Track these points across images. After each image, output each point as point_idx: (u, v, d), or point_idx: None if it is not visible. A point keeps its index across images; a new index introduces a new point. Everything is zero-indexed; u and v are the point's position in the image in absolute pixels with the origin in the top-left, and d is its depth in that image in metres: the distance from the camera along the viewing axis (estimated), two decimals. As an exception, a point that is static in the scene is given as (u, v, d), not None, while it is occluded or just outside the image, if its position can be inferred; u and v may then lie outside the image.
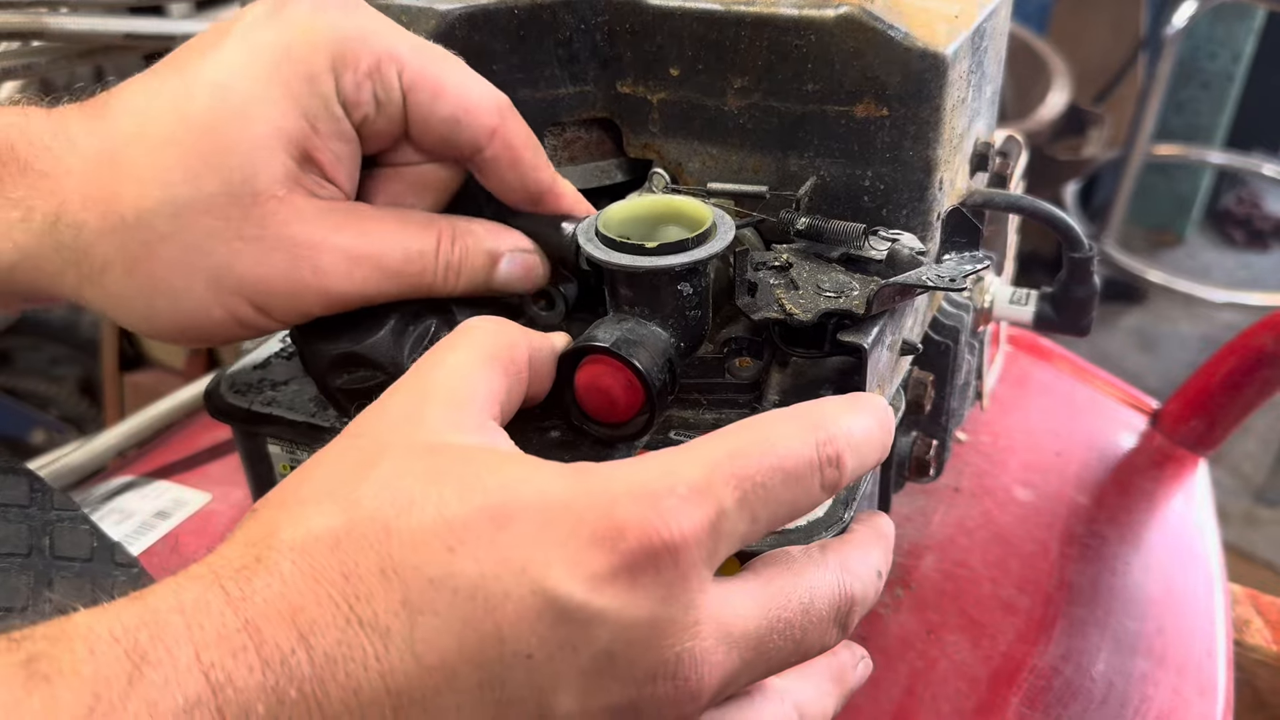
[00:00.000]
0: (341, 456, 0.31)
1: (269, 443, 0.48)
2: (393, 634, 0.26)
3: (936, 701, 0.55)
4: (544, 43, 0.45)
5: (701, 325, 0.40)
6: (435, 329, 0.43)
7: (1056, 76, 2.14)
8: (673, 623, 0.27)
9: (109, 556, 0.43)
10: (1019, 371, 0.86)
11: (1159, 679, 0.60)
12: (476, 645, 0.26)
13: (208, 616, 0.25)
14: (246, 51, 0.37)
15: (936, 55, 0.40)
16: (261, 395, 0.47)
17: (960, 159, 0.47)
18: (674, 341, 0.39)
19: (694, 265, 0.38)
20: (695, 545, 0.27)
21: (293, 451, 0.47)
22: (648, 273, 0.38)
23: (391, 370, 0.42)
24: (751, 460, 0.29)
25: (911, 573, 0.62)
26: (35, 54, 0.69)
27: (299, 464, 0.45)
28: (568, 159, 0.48)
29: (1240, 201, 2.95)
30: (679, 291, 0.38)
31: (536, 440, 0.41)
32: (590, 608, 0.26)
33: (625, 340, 0.37)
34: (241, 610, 0.25)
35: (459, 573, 0.26)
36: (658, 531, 0.27)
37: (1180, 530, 0.75)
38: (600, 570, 0.26)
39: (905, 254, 0.41)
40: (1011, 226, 0.63)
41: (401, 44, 0.39)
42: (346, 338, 0.42)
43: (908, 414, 0.49)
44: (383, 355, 0.42)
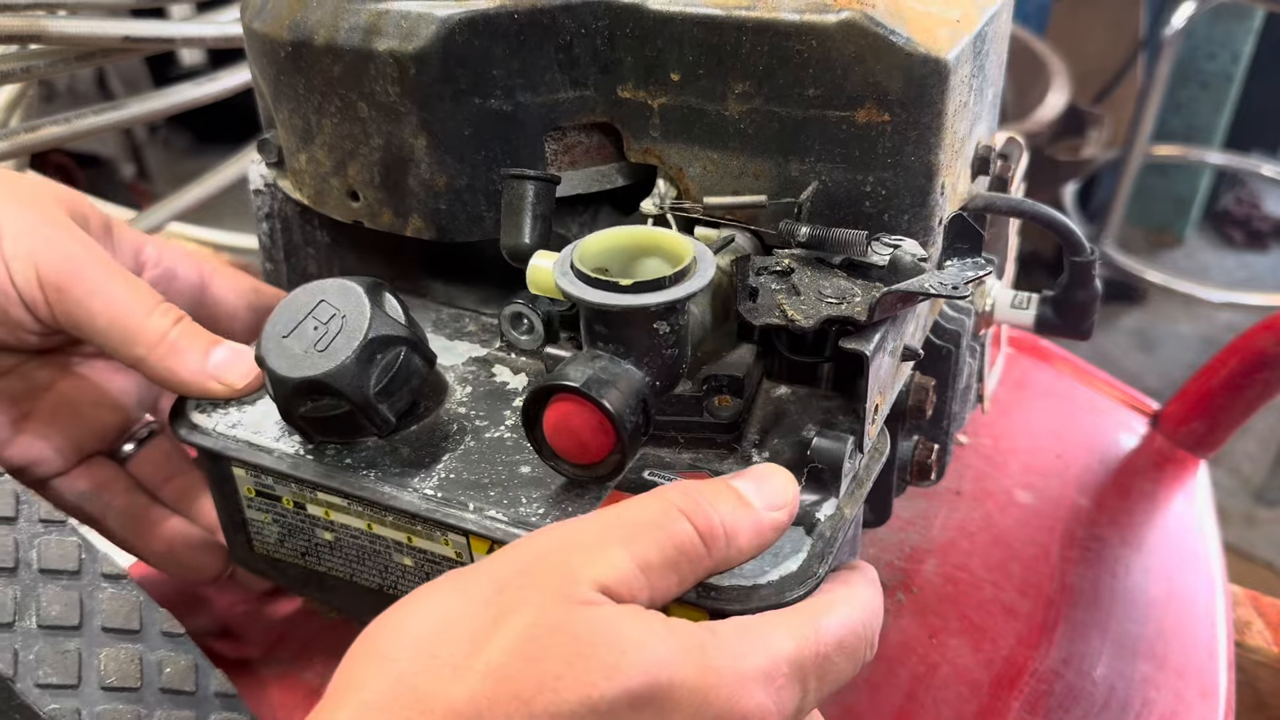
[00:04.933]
0: (471, 614, 0.32)
1: (234, 466, 0.46)
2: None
3: (938, 706, 0.55)
4: (544, 47, 0.44)
5: (678, 364, 0.39)
6: (404, 356, 0.43)
7: (1056, 77, 2.13)
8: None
9: (97, 569, 0.43)
10: (1019, 374, 0.86)
11: (1160, 682, 0.60)
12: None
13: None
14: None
15: (938, 60, 0.40)
16: (227, 416, 0.46)
17: (962, 163, 0.47)
18: (649, 381, 0.38)
19: (671, 304, 0.37)
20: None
21: (257, 477, 0.45)
22: (622, 311, 0.37)
23: (356, 401, 0.41)
24: (828, 641, 0.34)
25: (913, 577, 0.62)
26: (34, 57, 0.69)
27: (264, 491, 0.45)
28: (568, 164, 0.48)
29: (1239, 202, 2.95)
30: (655, 330, 0.37)
31: (507, 474, 0.41)
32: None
33: (596, 380, 0.36)
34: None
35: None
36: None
37: (1181, 532, 0.75)
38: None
39: (907, 260, 0.41)
40: (1012, 229, 0.63)
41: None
42: (308, 364, 0.41)
43: (909, 418, 0.49)
44: (346, 384, 0.40)
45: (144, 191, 2.44)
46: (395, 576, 0.44)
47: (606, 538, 0.33)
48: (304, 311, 0.43)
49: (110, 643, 0.41)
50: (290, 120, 0.49)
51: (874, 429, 0.43)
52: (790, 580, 0.35)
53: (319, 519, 0.44)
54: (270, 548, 0.47)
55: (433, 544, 0.42)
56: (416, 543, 0.42)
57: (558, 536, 0.34)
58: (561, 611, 0.31)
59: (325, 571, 0.46)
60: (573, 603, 0.31)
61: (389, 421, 0.43)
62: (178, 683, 0.42)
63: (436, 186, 0.46)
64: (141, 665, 0.42)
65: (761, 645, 0.33)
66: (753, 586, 0.34)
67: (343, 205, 0.49)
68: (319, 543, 0.45)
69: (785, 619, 0.34)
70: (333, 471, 0.43)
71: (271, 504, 0.46)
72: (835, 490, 0.37)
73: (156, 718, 0.41)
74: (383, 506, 0.42)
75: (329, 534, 0.45)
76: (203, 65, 2.54)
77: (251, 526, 0.47)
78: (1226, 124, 2.68)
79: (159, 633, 0.43)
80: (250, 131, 0.61)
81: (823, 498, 0.37)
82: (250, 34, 0.49)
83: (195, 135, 3.07)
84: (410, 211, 0.47)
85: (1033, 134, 1.98)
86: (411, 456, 0.43)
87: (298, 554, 0.46)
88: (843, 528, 0.37)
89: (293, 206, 0.55)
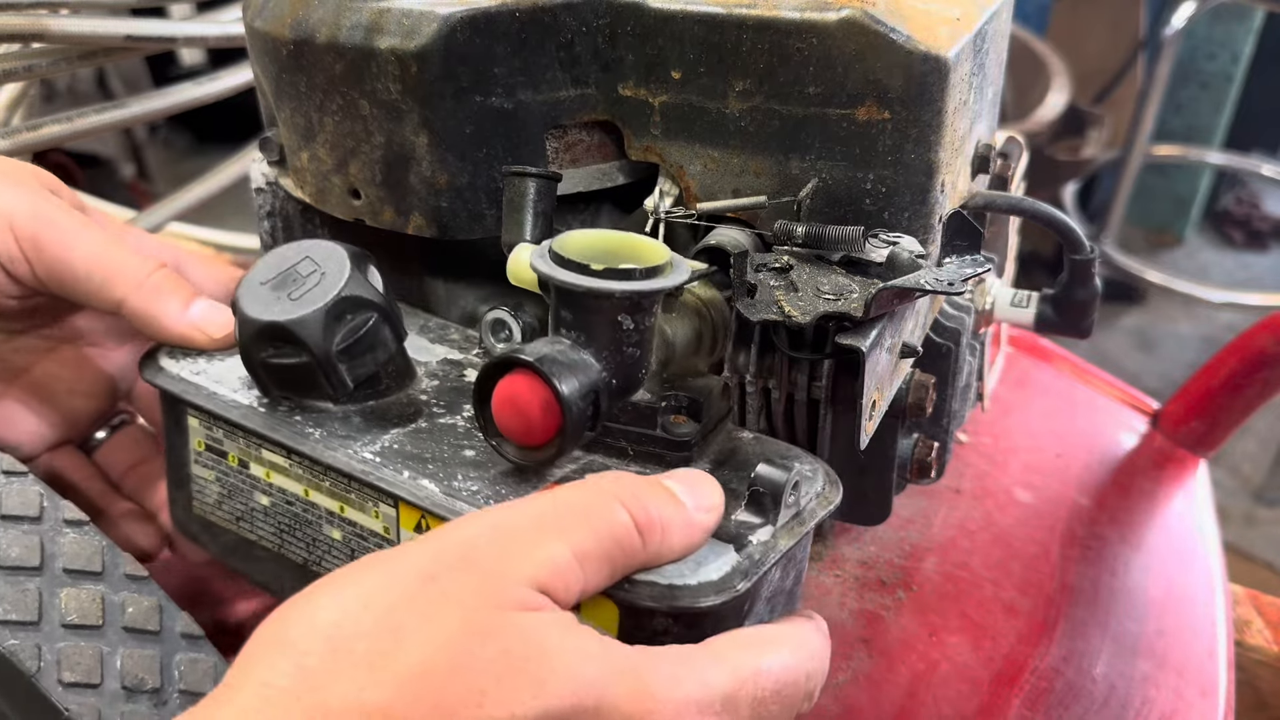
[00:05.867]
0: (393, 605, 0.30)
1: (189, 414, 0.46)
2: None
3: (938, 703, 0.55)
4: (545, 45, 0.45)
5: (638, 365, 0.39)
6: (374, 324, 0.43)
7: (1056, 77, 2.13)
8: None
9: (58, 515, 0.43)
10: (1019, 372, 0.86)
11: (1160, 680, 0.60)
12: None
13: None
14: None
15: (938, 58, 0.40)
16: (194, 364, 0.47)
17: (962, 161, 0.47)
18: (605, 376, 0.38)
19: (636, 296, 0.37)
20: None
21: (209, 428, 0.46)
22: (587, 294, 0.37)
23: (316, 354, 0.41)
24: (765, 684, 0.34)
25: (913, 575, 0.62)
26: (36, 55, 0.69)
27: (213, 445, 0.46)
28: (569, 162, 0.48)
29: (1239, 202, 2.95)
30: (619, 323, 0.37)
31: (452, 450, 0.41)
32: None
33: (552, 359, 0.36)
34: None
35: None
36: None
37: (1181, 531, 0.75)
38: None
39: (905, 257, 0.41)
40: (1012, 228, 0.63)
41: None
42: (278, 310, 0.42)
43: (909, 416, 0.49)
44: (309, 334, 0.41)
45: (144, 191, 2.44)
46: (322, 551, 0.44)
47: (544, 526, 0.32)
48: (287, 264, 0.44)
49: (71, 583, 0.42)
50: (292, 118, 0.49)
51: (871, 425, 0.44)
52: (708, 588, 0.34)
53: (259, 481, 0.45)
54: (208, 509, 0.47)
55: (364, 516, 0.42)
56: (348, 513, 0.42)
57: (492, 523, 0.32)
58: (492, 617, 0.29)
59: (255, 540, 0.46)
60: (506, 607, 0.30)
61: (345, 384, 0.43)
62: (141, 622, 0.42)
63: (438, 184, 0.46)
64: (104, 605, 0.42)
65: (698, 676, 0.32)
66: (668, 585, 0.34)
67: (344, 203, 0.49)
68: (255, 507, 0.45)
69: (727, 653, 0.33)
70: (279, 424, 0.43)
71: (218, 460, 0.46)
72: (773, 518, 0.36)
73: (120, 655, 0.41)
74: (320, 465, 0.42)
75: (266, 498, 0.45)
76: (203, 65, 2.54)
77: (194, 484, 0.47)
78: (1226, 124, 2.68)
79: (122, 575, 0.43)
80: (250, 131, 0.61)
81: (759, 522, 0.37)
82: (252, 32, 0.49)
83: (195, 135, 3.07)
84: (411, 209, 0.47)
85: (1033, 134, 1.98)
86: (360, 425, 0.43)
87: (233, 518, 0.46)
88: (773, 556, 0.36)
89: (294, 205, 0.56)
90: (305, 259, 0.44)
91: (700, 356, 0.45)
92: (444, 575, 0.30)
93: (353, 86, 0.45)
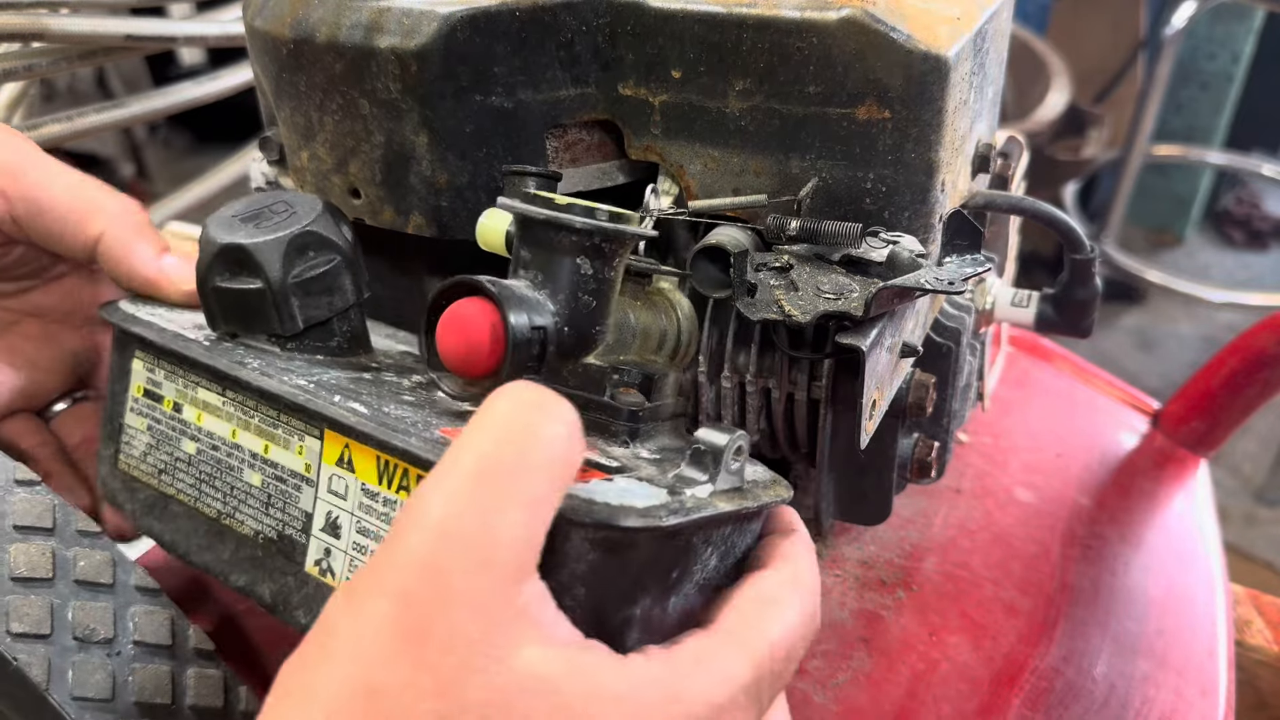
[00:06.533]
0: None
1: (135, 355, 0.46)
2: None
3: (938, 703, 0.55)
4: (545, 45, 0.45)
5: (593, 319, 0.38)
6: (334, 267, 0.43)
7: (1056, 77, 2.14)
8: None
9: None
10: (1020, 372, 0.86)
11: (1160, 680, 0.60)
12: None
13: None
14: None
15: (939, 57, 0.40)
16: (152, 310, 0.46)
17: (962, 161, 0.47)
18: (557, 321, 0.37)
19: (597, 235, 0.36)
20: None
21: (151, 370, 0.45)
22: (548, 225, 0.36)
23: (271, 281, 0.41)
24: (779, 654, 0.32)
25: (913, 574, 0.62)
26: (36, 55, 0.69)
27: (151, 390, 0.45)
28: (569, 161, 0.48)
29: (1239, 202, 2.95)
30: (577, 265, 0.37)
31: (390, 394, 0.41)
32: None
33: (506, 289, 0.36)
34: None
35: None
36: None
37: (1181, 531, 0.75)
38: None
39: (905, 256, 0.41)
40: (1013, 227, 0.63)
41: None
42: (240, 234, 0.42)
43: (910, 416, 0.49)
44: (266, 259, 0.41)
45: (143, 191, 2.44)
46: (238, 500, 0.43)
47: (494, 497, 0.27)
48: (263, 204, 0.44)
49: (21, 539, 0.42)
50: (292, 118, 0.49)
51: (871, 424, 0.44)
52: (631, 511, 0.31)
53: (189, 426, 0.44)
54: (133, 462, 0.47)
55: (286, 454, 0.41)
56: (271, 452, 0.41)
57: (438, 527, 0.27)
58: (492, 686, 0.26)
59: (173, 494, 0.45)
60: (502, 657, 0.26)
61: (295, 320, 0.42)
62: (93, 575, 0.43)
63: (438, 184, 0.46)
64: (54, 559, 0.42)
65: (720, 676, 0.30)
66: (588, 500, 0.31)
67: (344, 203, 0.49)
68: (179, 456, 0.45)
69: (735, 641, 0.32)
70: (220, 355, 0.42)
71: (152, 406, 0.46)
72: (713, 477, 0.34)
73: (71, 607, 0.42)
74: (251, 390, 0.41)
75: (193, 444, 0.44)
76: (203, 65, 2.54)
77: (125, 434, 0.47)
78: (1227, 124, 2.68)
79: (74, 531, 0.43)
80: (249, 131, 0.61)
81: (699, 479, 0.35)
82: (252, 32, 0.49)
83: (194, 135, 3.07)
84: (411, 209, 0.47)
85: (1033, 133, 1.98)
86: (300, 367, 0.42)
87: (155, 471, 0.46)
88: (707, 510, 0.33)
89: (294, 204, 0.55)
90: (281, 201, 0.44)
91: (661, 355, 0.45)
92: (426, 629, 0.26)
93: (353, 86, 0.45)
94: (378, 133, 0.46)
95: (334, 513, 0.39)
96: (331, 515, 0.39)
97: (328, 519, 0.39)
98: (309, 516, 0.39)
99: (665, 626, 0.34)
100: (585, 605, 0.31)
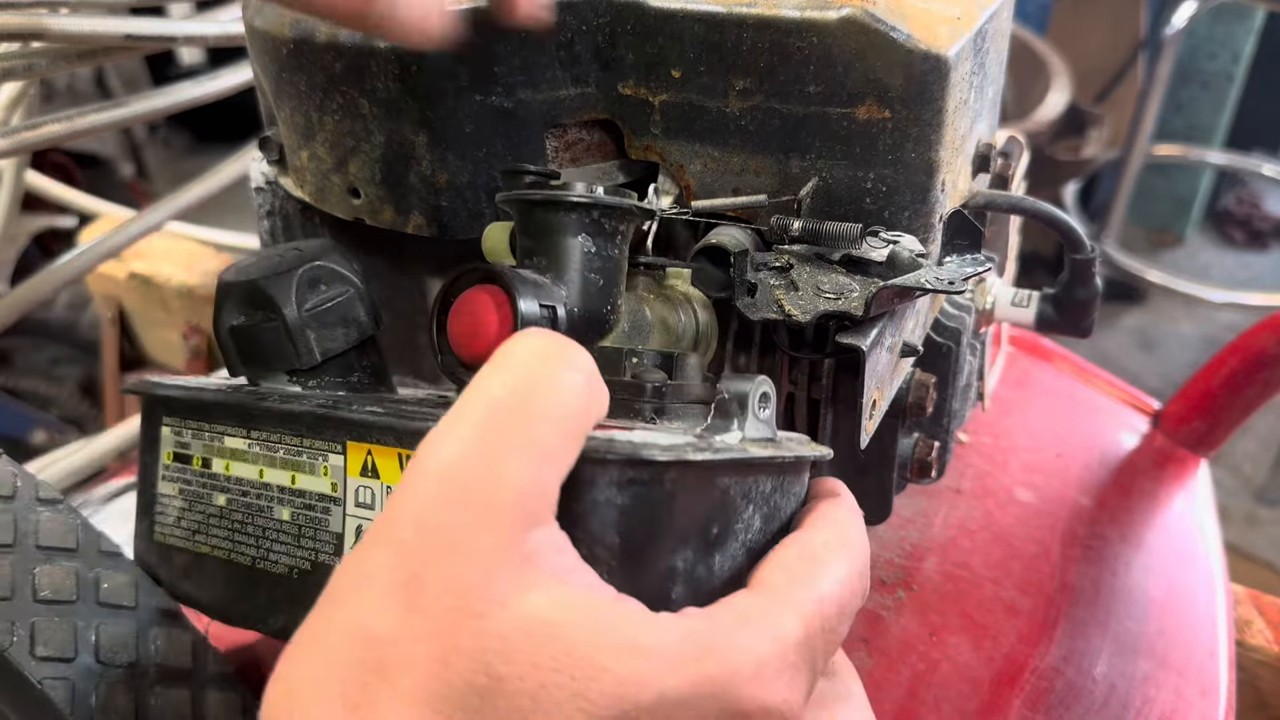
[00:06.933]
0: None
1: (163, 422, 0.46)
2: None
3: (938, 703, 0.55)
4: (545, 44, 0.44)
5: (603, 297, 0.38)
6: (348, 298, 0.43)
7: (1056, 76, 2.13)
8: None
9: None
10: (1020, 372, 0.86)
11: (1161, 680, 0.60)
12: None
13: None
14: None
15: (939, 57, 0.40)
16: (173, 378, 0.46)
17: (962, 160, 0.47)
18: (566, 302, 0.37)
19: (594, 209, 0.36)
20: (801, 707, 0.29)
21: (179, 433, 0.45)
22: (545, 204, 0.36)
23: (286, 318, 0.42)
24: (830, 611, 0.31)
25: (913, 574, 0.62)
26: (35, 55, 0.69)
27: (180, 453, 0.45)
28: (569, 160, 0.48)
29: (1240, 202, 2.95)
30: (579, 244, 0.37)
31: (411, 405, 0.40)
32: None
33: (517, 274, 0.35)
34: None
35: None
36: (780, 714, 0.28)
37: (1181, 531, 0.75)
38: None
39: (905, 256, 0.41)
40: (1013, 227, 0.63)
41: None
42: (254, 273, 0.42)
43: (910, 416, 0.49)
44: (278, 292, 0.41)
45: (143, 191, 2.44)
46: (270, 540, 0.42)
47: (498, 447, 0.26)
48: (274, 253, 0.45)
49: (45, 560, 0.42)
50: (292, 117, 0.49)
51: (872, 424, 0.43)
52: (654, 447, 0.30)
53: (218, 478, 0.44)
54: (168, 530, 0.47)
55: (312, 479, 0.40)
56: (298, 481, 0.41)
57: (437, 473, 0.26)
58: (497, 632, 0.25)
59: (208, 552, 0.45)
60: (505, 599, 0.25)
61: (311, 352, 0.42)
62: (116, 597, 0.42)
63: (438, 183, 0.46)
64: (78, 581, 0.42)
65: (768, 634, 0.28)
66: (608, 438, 0.30)
67: (344, 202, 0.49)
68: (211, 512, 0.44)
69: (785, 597, 0.30)
70: (241, 397, 0.42)
71: (183, 469, 0.45)
72: (740, 424, 0.34)
73: (94, 629, 0.42)
74: (273, 417, 0.41)
75: (223, 497, 0.44)
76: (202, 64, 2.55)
77: (158, 504, 0.47)
78: (1227, 124, 2.68)
79: (97, 552, 0.43)
80: (249, 130, 0.61)
81: (725, 424, 0.34)
82: (252, 31, 0.49)
83: (194, 134, 3.07)
84: (411, 208, 0.47)
85: (1033, 133, 1.98)
86: (318, 401, 0.42)
87: (189, 534, 0.46)
88: (736, 454, 0.32)
89: (294, 204, 0.55)
90: (290, 247, 0.44)
91: (681, 348, 0.45)
92: (421, 577, 0.25)
93: (352, 85, 0.45)
94: (377, 132, 0.46)
95: (363, 526, 0.38)
96: (361, 529, 0.38)
97: (358, 533, 0.38)
98: (339, 538, 0.39)
99: (712, 589, 0.32)
100: (620, 555, 0.29)
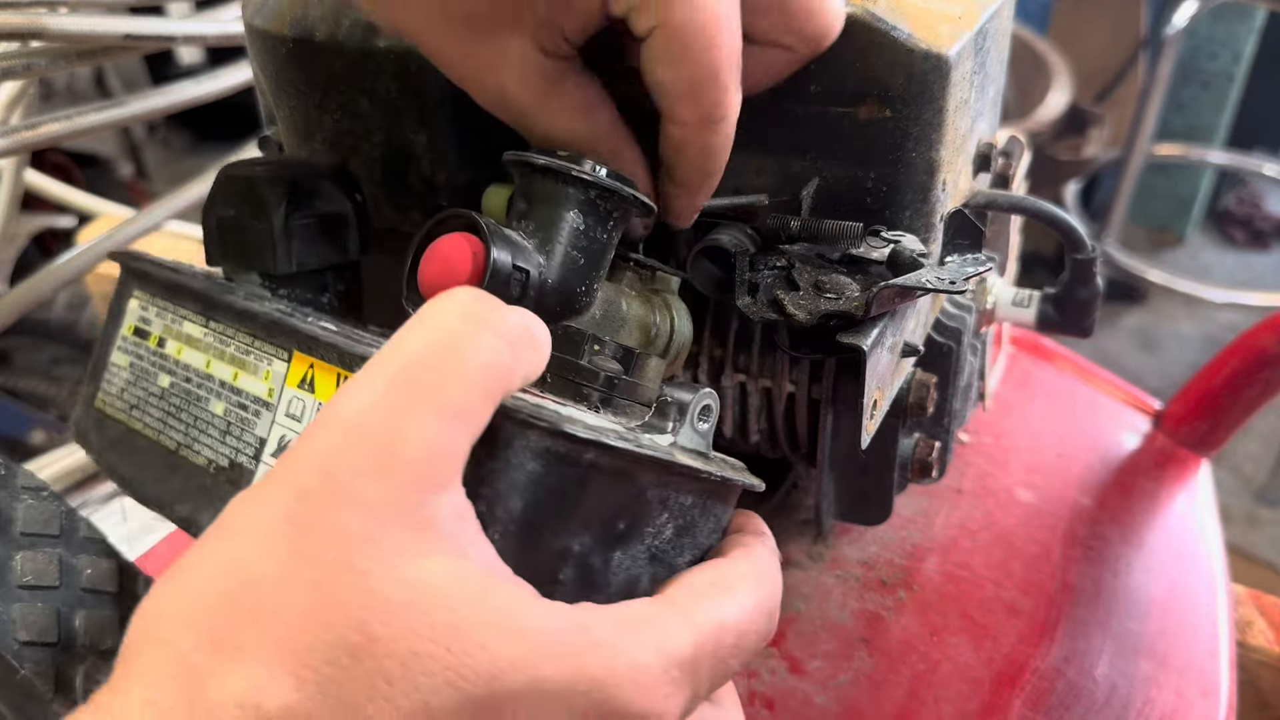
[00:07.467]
0: (266, 576, 0.25)
1: (132, 296, 0.45)
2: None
3: (939, 703, 0.55)
4: (545, 43, 0.44)
5: (580, 278, 0.38)
6: (337, 218, 0.43)
7: (1057, 76, 2.13)
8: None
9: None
10: (1021, 372, 0.86)
11: (1162, 680, 0.60)
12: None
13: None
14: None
15: (940, 56, 0.40)
16: (156, 258, 0.46)
17: (963, 160, 0.47)
18: (542, 271, 0.37)
19: (595, 188, 0.36)
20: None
21: (144, 308, 0.45)
22: (546, 171, 0.36)
23: (272, 220, 0.41)
24: (726, 639, 0.30)
25: (914, 574, 0.62)
26: (34, 54, 0.69)
27: (145, 324, 0.45)
28: (569, 160, 0.48)
29: (1241, 201, 2.95)
30: (570, 219, 0.37)
31: (371, 333, 0.40)
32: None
33: (496, 228, 0.35)
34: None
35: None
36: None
37: (1182, 531, 0.75)
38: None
39: (906, 255, 0.41)
40: (1014, 227, 0.63)
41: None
42: (258, 171, 0.42)
43: (911, 416, 0.49)
44: (271, 197, 0.41)
45: (142, 190, 2.44)
46: (198, 431, 0.42)
47: (407, 399, 0.26)
48: (288, 160, 0.46)
49: (28, 546, 0.42)
50: (291, 117, 0.49)
51: (872, 424, 0.43)
52: (579, 423, 0.30)
53: (168, 360, 0.44)
54: (108, 400, 0.46)
55: (253, 380, 0.40)
56: (240, 380, 0.40)
57: (346, 420, 0.26)
58: (383, 580, 0.24)
59: (139, 429, 0.45)
60: (399, 553, 0.25)
61: (288, 259, 0.42)
62: (100, 583, 0.42)
63: (437, 183, 0.46)
64: (61, 566, 0.42)
65: (654, 642, 0.28)
66: (536, 405, 0.29)
67: (343, 202, 0.49)
68: (153, 390, 0.44)
69: (687, 606, 0.30)
70: (210, 286, 0.42)
71: (138, 344, 0.45)
72: (675, 430, 0.34)
73: (78, 615, 0.42)
74: (232, 313, 0.40)
75: (167, 379, 0.44)
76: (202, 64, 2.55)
77: (107, 373, 0.47)
78: (1228, 123, 2.68)
79: (81, 538, 0.43)
80: (248, 130, 0.61)
81: (660, 426, 0.34)
82: (251, 31, 0.48)
83: (194, 134, 3.07)
84: (411, 208, 0.47)
85: (1034, 133, 1.98)
86: (278, 307, 0.41)
87: (127, 407, 0.45)
88: (661, 455, 0.32)
89: (293, 203, 0.55)
90: (303, 161, 0.45)
91: (650, 350, 0.45)
92: (312, 524, 0.25)
93: (352, 84, 0.45)
94: (377, 132, 0.46)
95: (287, 436, 0.38)
96: (284, 439, 0.38)
97: (280, 443, 0.38)
98: (262, 442, 0.38)
99: (604, 585, 0.32)
100: (519, 521, 0.29)
